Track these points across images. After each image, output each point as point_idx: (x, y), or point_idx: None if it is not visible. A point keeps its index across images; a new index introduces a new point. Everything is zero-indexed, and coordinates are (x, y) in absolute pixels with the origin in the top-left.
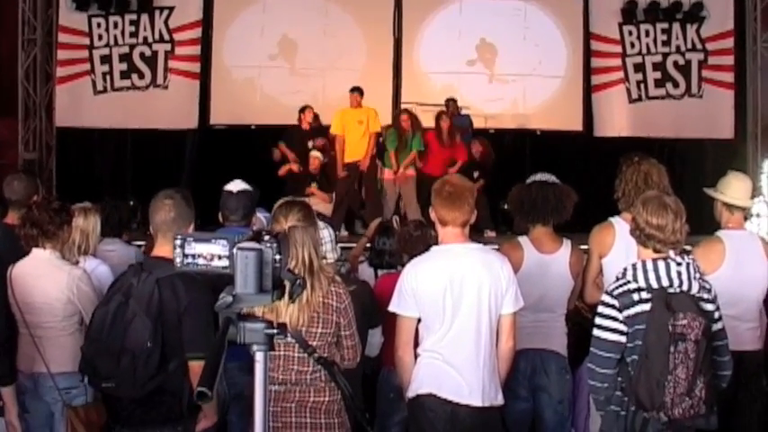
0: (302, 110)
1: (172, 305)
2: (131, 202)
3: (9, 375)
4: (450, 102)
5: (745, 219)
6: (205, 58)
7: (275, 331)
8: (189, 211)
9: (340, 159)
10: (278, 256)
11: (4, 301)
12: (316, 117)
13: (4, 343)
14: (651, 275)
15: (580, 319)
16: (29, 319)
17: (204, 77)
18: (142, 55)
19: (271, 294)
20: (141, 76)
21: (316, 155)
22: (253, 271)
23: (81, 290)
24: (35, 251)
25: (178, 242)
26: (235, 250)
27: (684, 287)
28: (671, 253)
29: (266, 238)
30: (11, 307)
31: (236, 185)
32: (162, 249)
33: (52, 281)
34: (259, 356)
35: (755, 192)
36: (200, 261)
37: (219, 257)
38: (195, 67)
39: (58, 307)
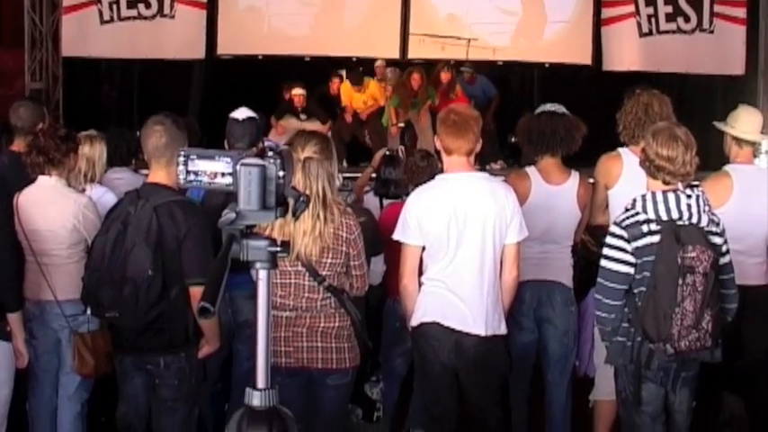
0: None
1: (171, 232)
2: (137, 132)
3: (16, 302)
4: (465, 71)
5: (755, 155)
6: None
7: (278, 248)
8: (181, 134)
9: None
10: (281, 173)
11: (10, 229)
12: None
13: (10, 270)
14: (661, 207)
15: (586, 252)
16: (35, 246)
17: (211, 7)
18: None
19: (274, 211)
20: (148, 5)
21: (298, 92)
22: (256, 187)
23: (87, 217)
24: (41, 179)
25: (181, 159)
26: (238, 166)
27: (694, 220)
28: (680, 185)
29: (270, 154)
30: (17, 234)
31: (242, 113)
32: (157, 175)
33: (58, 208)
34: (262, 274)
35: (765, 128)
36: (204, 178)
37: (223, 175)
38: None
39: (63, 234)
